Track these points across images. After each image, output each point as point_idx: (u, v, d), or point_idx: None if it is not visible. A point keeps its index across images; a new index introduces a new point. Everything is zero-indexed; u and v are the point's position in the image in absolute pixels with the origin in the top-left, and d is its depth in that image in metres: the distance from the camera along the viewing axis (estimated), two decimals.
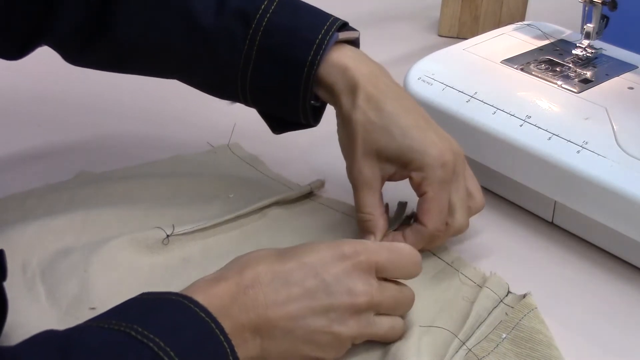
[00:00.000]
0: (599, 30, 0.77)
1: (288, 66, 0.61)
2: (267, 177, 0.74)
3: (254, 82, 0.63)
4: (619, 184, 0.61)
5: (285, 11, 0.62)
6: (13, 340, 0.53)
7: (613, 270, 0.65)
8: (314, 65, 0.61)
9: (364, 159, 0.61)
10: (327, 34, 0.61)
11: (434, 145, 0.60)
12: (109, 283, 0.58)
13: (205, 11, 0.61)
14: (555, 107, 0.69)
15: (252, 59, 0.62)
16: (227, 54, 0.62)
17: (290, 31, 0.61)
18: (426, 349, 0.53)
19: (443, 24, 1.06)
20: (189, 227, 0.63)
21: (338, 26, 0.62)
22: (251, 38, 0.61)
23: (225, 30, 0.61)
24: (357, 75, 0.61)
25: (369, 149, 0.61)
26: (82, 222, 0.64)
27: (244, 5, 0.62)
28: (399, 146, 0.60)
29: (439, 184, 0.60)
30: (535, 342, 0.54)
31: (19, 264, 0.59)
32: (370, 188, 0.62)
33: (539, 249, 0.67)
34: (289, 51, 0.61)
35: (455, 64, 0.76)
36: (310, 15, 0.63)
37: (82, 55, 0.67)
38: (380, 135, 0.60)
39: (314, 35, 0.61)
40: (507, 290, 0.59)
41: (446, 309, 0.58)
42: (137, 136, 0.80)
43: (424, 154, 0.59)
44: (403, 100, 0.62)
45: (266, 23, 0.61)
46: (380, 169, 0.61)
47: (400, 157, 0.60)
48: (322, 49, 0.61)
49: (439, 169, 0.59)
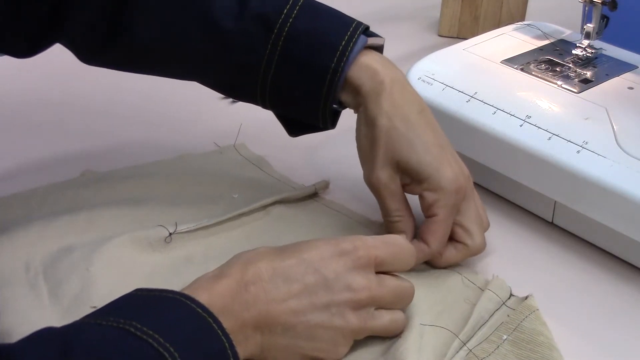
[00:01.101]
0: (599, 30, 0.77)
1: (311, 72, 0.61)
2: (272, 177, 0.74)
3: (274, 87, 0.62)
4: (619, 184, 0.61)
5: (307, 16, 0.61)
6: (14, 338, 0.53)
7: (613, 270, 0.65)
8: (337, 72, 0.60)
9: (384, 166, 0.61)
10: (350, 39, 0.61)
11: (450, 168, 0.60)
12: (111, 281, 0.58)
13: (225, 14, 0.61)
14: (555, 107, 0.69)
15: (273, 64, 0.61)
16: (248, 58, 0.62)
17: (313, 37, 0.61)
18: (427, 348, 0.54)
19: (443, 24, 1.06)
20: (191, 225, 0.63)
21: (362, 30, 0.62)
22: (273, 43, 0.61)
23: (247, 33, 0.61)
24: (385, 80, 0.61)
25: (390, 157, 0.60)
26: (86, 221, 0.64)
27: (266, 9, 0.61)
28: (418, 161, 0.60)
29: (451, 208, 0.60)
30: (536, 343, 0.54)
31: (22, 262, 0.59)
32: (394, 195, 0.62)
33: (539, 249, 0.67)
34: (312, 57, 0.61)
35: (455, 64, 0.77)
36: (333, 19, 0.63)
37: (95, 55, 0.66)
38: (402, 145, 0.60)
39: (337, 41, 0.61)
40: (509, 292, 0.59)
41: (448, 310, 0.58)
42: (143, 136, 0.80)
43: (441, 176, 0.60)
44: (426, 114, 0.62)
45: (289, 28, 0.61)
46: (398, 178, 0.61)
47: (419, 173, 0.60)
48: (345, 55, 0.60)
49: (454, 193, 0.60)
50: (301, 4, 0.62)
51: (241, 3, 0.61)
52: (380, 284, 0.53)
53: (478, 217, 0.62)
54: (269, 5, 0.61)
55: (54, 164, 0.75)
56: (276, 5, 0.61)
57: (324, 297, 0.50)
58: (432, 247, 0.60)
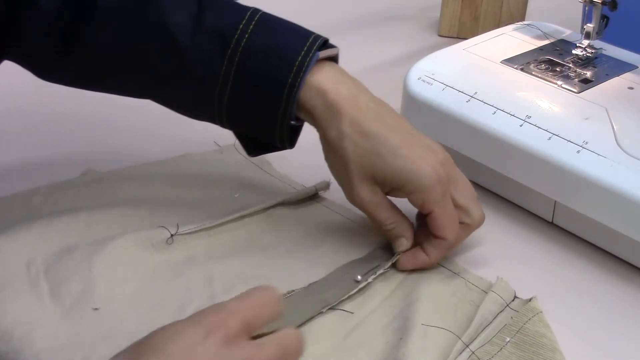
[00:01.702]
0: (599, 30, 0.77)
1: (268, 88, 0.60)
2: (272, 177, 0.74)
3: (231, 103, 0.62)
4: (619, 184, 0.61)
5: (263, 31, 0.61)
6: (15, 338, 0.53)
7: (613, 270, 0.65)
8: (294, 88, 0.60)
9: (361, 184, 0.60)
10: (307, 54, 0.60)
11: (425, 162, 0.59)
12: (113, 282, 0.58)
13: (181, 30, 0.60)
14: (555, 107, 0.70)
15: (230, 80, 0.60)
16: (205, 73, 0.61)
17: (270, 52, 0.60)
18: (429, 349, 0.54)
19: (443, 24, 1.06)
20: (193, 226, 0.63)
21: (319, 45, 0.61)
22: (230, 58, 0.60)
23: (203, 49, 0.60)
24: (337, 100, 0.60)
25: (364, 173, 0.60)
26: (87, 220, 0.64)
27: (222, 24, 0.60)
28: (392, 168, 0.59)
29: (442, 198, 0.60)
30: (539, 346, 0.54)
31: (24, 261, 0.59)
32: (380, 206, 0.61)
33: (539, 249, 0.67)
34: (268, 72, 0.60)
35: (455, 64, 0.77)
36: (290, 34, 0.62)
37: (51, 69, 0.65)
38: (372, 159, 0.59)
39: (294, 56, 0.60)
40: (513, 295, 0.59)
41: (451, 311, 0.58)
42: (144, 135, 0.80)
43: (420, 176, 0.59)
44: (385, 117, 0.61)
45: (245, 43, 0.60)
46: (379, 188, 0.61)
47: (395, 179, 0.60)
48: (302, 71, 0.60)
49: (437, 186, 0.59)
50: (257, 19, 0.61)
51: (197, 18, 0.61)
52: (260, 350, 0.44)
53: (469, 192, 0.62)
54: (225, 20, 0.61)
55: (55, 164, 0.75)
56: (232, 20, 0.61)
57: None
58: (450, 239, 0.61)
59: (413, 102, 0.74)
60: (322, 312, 0.57)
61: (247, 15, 0.61)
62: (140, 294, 0.58)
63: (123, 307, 0.57)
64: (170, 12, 0.60)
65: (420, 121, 0.75)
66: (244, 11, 0.61)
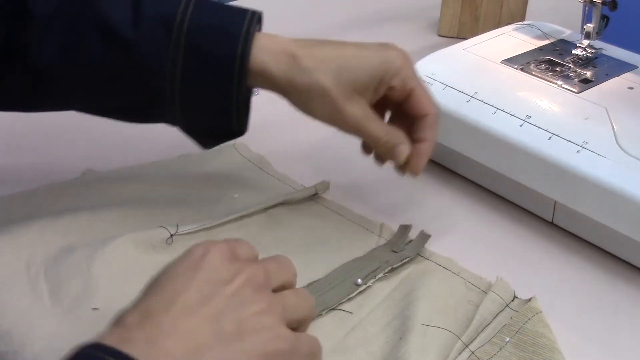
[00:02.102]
0: (599, 30, 0.77)
1: (219, 64, 0.60)
2: (272, 177, 0.74)
3: (184, 88, 0.61)
4: (619, 184, 0.61)
5: (203, 10, 0.61)
6: (14, 339, 0.53)
7: (613, 270, 0.65)
8: (244, 59, 0.60)
9: (349, 103, 0.61)
10: (250, 25, 0.61)
11: (387, 49, 0.63)
12: (112, 282, 0.58)
13: (122, 22, 0.59)
14: (555, 107, 0.70)
15: (179, 64, 0.60)
16: (154, 62, 0.60)
17: (214, 28, 0.60)
18: (429, 349, 0.54)
19: (443, 24, 1.06)
20: (193, 226, 0.63)
21: (258, 17, 0.62)
22: (175, 42, 0.60)
23: (148, 38, 0.60)
24: (288, 49, 0.61)
25: (347, 91, 0.61)
26: (87, 221, 0.64)
27: (161, 9, 0.60)
28: (367, 68, 0.61)
29: (416, 74, 0.63)
30: (538, 346, 0.54)
31: (24, 261, 0.59)
32: (372, 119, 0.62)
33: (539, 249, 0.67)
34: (216, 48, 0.60)
35: (455, 64, 0.77)
36: (227, 10, 0.62)
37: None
38: (345, 74, 0.61)
39: (238, 29, 0.60)
40: (513, 295, 0.59)
41: (451, 311, 0.58)
42: (143, 135, 0.80)
43: (392, 59, 0.62)
44: (331, 42, 0.64)
45: (188, 24, 0.60)
46: (366, 101, 0.62)
47: (375, 75, 0.62)
48: (249, 41, 0.60)
49: (409, 62, 0.63)
50: (194, 1, 0.61)
51: (135, 8, 0.60)
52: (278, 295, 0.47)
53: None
54: (164, 6, 0.61)
55: (54, 164, 0.75)
56: (170, 4, 0.61)
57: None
58: (434, 111, 0.63)
59: None
60: (322, 314, 0.57)
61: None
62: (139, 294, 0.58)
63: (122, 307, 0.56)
64: (108, 9, 0.60)
65: None
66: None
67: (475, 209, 0.72)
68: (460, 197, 0.73)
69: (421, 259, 0.63)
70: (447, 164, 0.76)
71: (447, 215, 0.71)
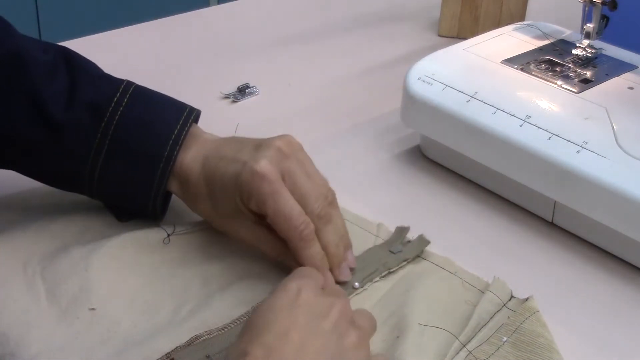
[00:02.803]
0: (599, 30, 0.77)
1: (143, 160, 0.60)
2: None
3: (103, 175, 0.61)
4: (619, 184, 0.61)
5: (138, 104, 0.61)
6: (11, 339, 0.53)
7: (613, 270, 0.65)
8: (170, 159, 0.60)
9: (229, 222, 0.60)
10: (184, 126, 0.61)
11: (244, 163, 0.59)
12: (110, 282, 0.58)
13: (54, 102, 0.59)
14: (555, 107, 0.69)
15: (103, 152, 0.60)
16: (77, 147, 0.60)
17: (145, 124, 0.60)
18: (427, 349, 0.53)
19: (443, 24, 1.06)
20: (190, 226, 0.63)
21: (195, 118, 0.62)
22: (103, 132, 0.60)
23: (76, 122, 0.59)
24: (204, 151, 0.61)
25: (226, 212, 0.60)
26: (84, 221, 0.64)
27: (96, 98, 0.60)
28: (229, 189, 0.59)
29: (270, 193, 0.58)
30: (536, 345, 0.54)
31: (20, 262, 0.59)
32: (262, 238, 0.60)
33: (539, 249, 0.67)
34: (143, 145, 0.60)
35: (455, 64, 0.76)
36: (166, 105, 0.62)
37: None
38: (220, 199, 0.60)
39: (170, 128, 0.60)
40: (510, 294, 0.59)
41: (448, 311, 0.58)
42: None
43: (241, 177, 0.58)
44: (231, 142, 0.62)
45: (119, 117, 0.60)
46: (251, 220, 0.60)
47: (233, 198, 0.59)
48: (178, 143, 0.60)
49: (260, 180, 0.58)
50: (132, 92, 0.61)
51: (70, 90, 0.60)
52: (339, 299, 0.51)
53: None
54: (100, 93, 0.60)
55: None
56: (106, 93, 0.60)
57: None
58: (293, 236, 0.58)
59: (413, 102, 0.74)
60: None
61: (121, 88, 0.61)
62: (137, 294, 0.58)
63: (119, 307, 0.56)
64: (42, 83, 0.59)
65: (420, 121, 0.75)
66: (117, 83, 0.62)
67: (474, 209, 0.71)
68: (459, 197, 0.73)
69: (419, 259, 0.63)
70: (447, 164, 0.76)
71: (446, 215, 0.71)
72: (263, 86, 0.89)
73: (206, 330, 0.54)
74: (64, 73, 0.61)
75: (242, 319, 0.55)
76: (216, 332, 0.54)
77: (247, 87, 0.88)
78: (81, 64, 0.62)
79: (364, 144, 0.69)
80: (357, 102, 0.88)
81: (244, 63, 0.96)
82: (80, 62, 0.62)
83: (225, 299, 0.57)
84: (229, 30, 1.05)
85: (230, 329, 0.54)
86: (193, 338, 0.53)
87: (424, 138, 0.78)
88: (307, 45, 1.02)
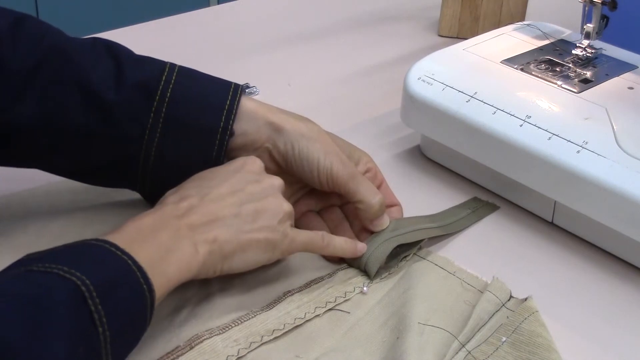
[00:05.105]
0: (599, 30, 0.77)
1: (199, 133, 0.61)
2: None
3: (159, 155, 0.61)
4: (619, 184, 0.61)
5: (186, 80, 0.61)
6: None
7: (613, 270, 0.65)
8: (227, 130, 0.61)
9: (337, 159, 0.63)
10: (234, 97, 0.61)
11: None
12: None
13: (105, 85, 0.59)
14: (555, 107, 0.69)
15: (157, 131, 0.60)
16: (130, 128, 0.60)
17: (196, 99, 0.61)
18: (426, 348, 0.53)
19: (443, 24, 1.06)
20: None
21: (242, 90, 0.63)
22: (156, 110, 0.60)
23: (128, 101, 0.60)
24: (268, 116, 0.63)
25: (340, 151, 0.63)
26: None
27: (143, 78, 0.60)
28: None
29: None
30: (535, 345, 0.54)
31: None
32: (362, 179, 0.63)
33: (539, 249, 0.67)
34: (198, 119, 0.61)
35: (455, 64, 0.76)
36: (212, 81, 0.63)
37: None
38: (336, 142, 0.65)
39: (222, 100, 0.61)
40: (509, 294, 0.59)
41: (448, 311, 0.58)
42: None
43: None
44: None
45: (170, 93, 0.60)
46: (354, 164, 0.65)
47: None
48: (232, 113, 0.61)
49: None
50: (178, 70, 0.62)
51: (117, 73, 0.60)
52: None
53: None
54: (146, 73, 0.61)
55: None
56: (153, 73, 0.61)
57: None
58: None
59: (413, 102, 0.74)
60: (319, 314, 0.57)
61: (167, 67, 0.61)
62: None
63: None
64: (89, 69, 0.60)
65: (420, 121, 0.75)
66: (162, 63, 0.62)
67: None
68: (459, 197, 0.73)
69: (418, 258, 0.63)
70: (447, 164, 0.76)
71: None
72: (263, 86, 0.89)
73: (206, 330, 0.54)
74: (107, 58, 0.61)
75: (242, 319, 0.55)
76: (216, 332, 0.54)
77: (247, 87, 0.89)
78: (120, 49, 0.63)
79: (364, 144, 0.69)
80: (357, 102, 0.88)
81: (244, 63, 0.96)
82: (119, 47, 0.63)
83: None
84: (229, 30, 1.05)
85: (230, 328, 0.54)
86: (193, 338, 0.53)
87: (424, 138, 0.78)
88: (307, 45, 1.02)
